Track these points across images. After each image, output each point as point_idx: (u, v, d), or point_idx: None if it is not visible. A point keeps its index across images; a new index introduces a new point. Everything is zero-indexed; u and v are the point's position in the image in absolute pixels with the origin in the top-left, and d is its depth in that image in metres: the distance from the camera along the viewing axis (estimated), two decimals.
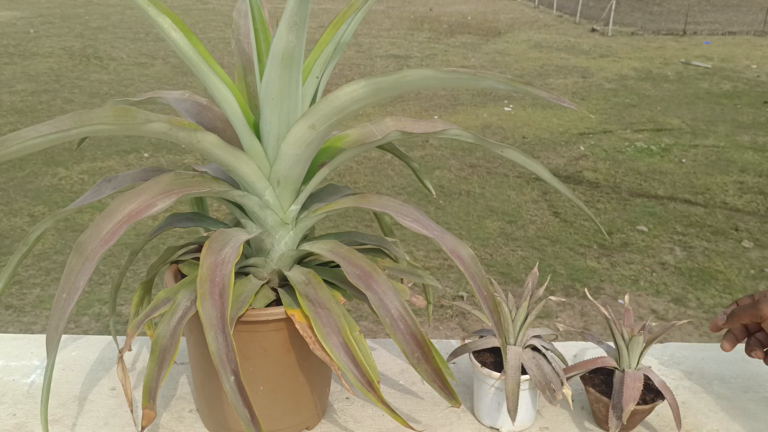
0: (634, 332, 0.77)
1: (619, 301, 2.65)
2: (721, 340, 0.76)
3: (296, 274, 0.69)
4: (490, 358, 0.79)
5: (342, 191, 0.74)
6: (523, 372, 0.74)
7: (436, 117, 4.24)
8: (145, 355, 0.91)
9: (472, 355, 0.78)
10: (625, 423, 0.72)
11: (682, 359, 0.94)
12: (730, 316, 0.74)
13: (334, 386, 0.83)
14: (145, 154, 4.30)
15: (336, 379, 0.83)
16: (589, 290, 2.77)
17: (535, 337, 0.78)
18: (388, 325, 0.62)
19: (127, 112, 0.56)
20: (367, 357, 0.64)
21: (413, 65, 7.37)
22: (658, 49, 8.75)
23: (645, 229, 3.39)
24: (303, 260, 0.75)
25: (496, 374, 0.75)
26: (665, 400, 0.75)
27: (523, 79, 3.81)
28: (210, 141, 0.61)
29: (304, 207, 0.71)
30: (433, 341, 0.76)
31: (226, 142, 0.62)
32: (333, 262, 0.73)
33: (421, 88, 0.58)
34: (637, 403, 0.73)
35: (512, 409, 0.71)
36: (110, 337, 0.91)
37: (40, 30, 8.80)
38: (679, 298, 2.75)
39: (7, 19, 9.60)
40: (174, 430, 0.76)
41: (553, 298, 0.81)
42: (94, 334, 1.20)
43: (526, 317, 0.76)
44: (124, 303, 2.48)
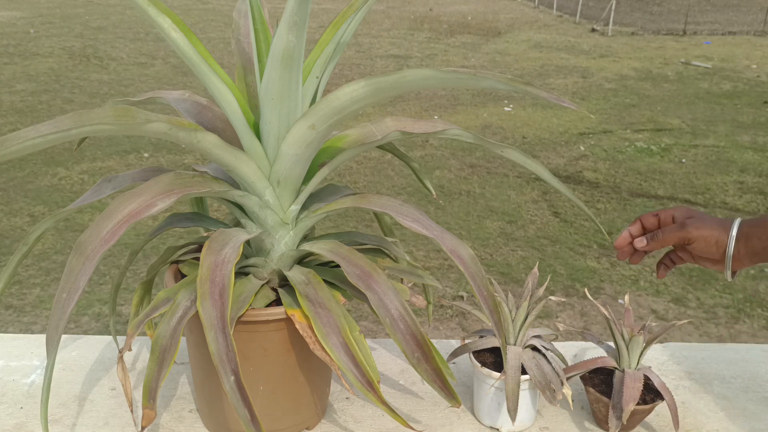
0: (634, 332, 0.77)
1: (619, 301, 2.65)
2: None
3: (296, 274, 0.69)
4: (490, 358, 0.79)
5: (342, 191, 0.74)
6: (523, 372, 0.74)
7: (436, 117, 4.24)
8: (145, 355, 0.91)
9: (472, 355, 0.78)
10: (625, 423, 0.72)
11: (682, 359, 0.94)
12: (653, 239, 0.72)
13: (334, 386, 0.83)
14: (145, 154, 4.30)
15: (336, 379, 0.83)
16: (589, 290, 2.77)
17: (535, 337, 0.78)
18: (388, 325, 0.62)
19: (127, 112, 0.56)
20: (367, 357, 0.64)
21: (413, 65, 7.37)
22: (658, 49, 8.75)
23: None
24: (303, 260, 0.75)
25: (496, 374, 0.75)
26: (665, 401, 0.75)
27: (523, 79, 3.81)
28: (210, 141, 0.61)
29: (304, 207, 0.71)
30: (433, 341, 0.76)
31: (226, 142, 0.63)
32: (333, 262, 0.73)
33: (421, 88, 0.58)
34: (637, 403, 0.73)
35: (512, 409, 0.71)
36: (110, 337, 0.91)
37: (40, 30, 8.80)
38: (679, 298, 2.75)
39: (7, 19, 9.60)
40: (174, 430, 0.76)
41: (553, 298, 0.81)
42: (94, 334, 1.19)
43: (526, 317, 0.76)
44: (124, 303, 2.48)
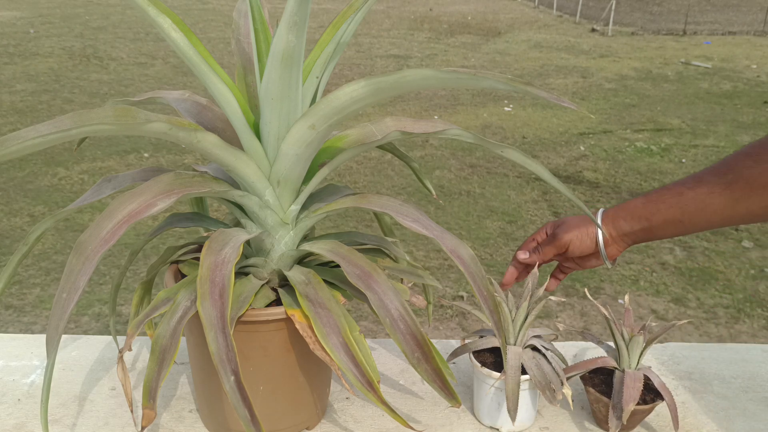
0: (634, 332, 0.77)
1: (619, 301, 2.65)
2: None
3: (296, 274, 0.69)
4: (490, 358, 0.79)
5: (342, 191, 0.74)
6: (523, 372, 0.74)
7: (436, 117, 4.24)
8: (145, 355, 0.91)
9: (472, 355, 0.78)
10: (625, 423, 0.72)
11: (682, 359, 0.94)
12: (534, 252, 0.79)
13: (334, 386, 0.83)
14: (145, 154, 4.30)
15: (336, 379, 0.83)
16: (589, 290, 2.77)
17: (535, 337, 0.78)
18: (388, 325, 0.62)
19: (127, 112, 0.56)
20: (367, 357, 0.64)
21: (413, 65, 7.37)
22: (658, 49, 8.75)
23: None
24: (303, 260, 0.75)
25: (496, 374, 0.75)
26: (665, 401, 0.75)
27: (523, 79, 3.80)
28: (210, 141, 0.61)
29: (304, 207, 0.71)
30: (433, 341, 0.76)
31: (226, 142, 0.62)
32: (333, 262, 0.73)
33: (421, 88, 0.58)
34: (637, 403, 0.73)
35: (512, 409, 0.71)
36: (110, 337, 0.91)
37: (40, 30, 8.80)
38: (679, 298, 2.75)
39: (7, 19, 9.60)
40: (174, 430, 0.76)
41: (553, 298, 0.81)
42: (94, 334, 1.19)
43: (526, 317, 0.76)
44: (124, 303, 2.48)
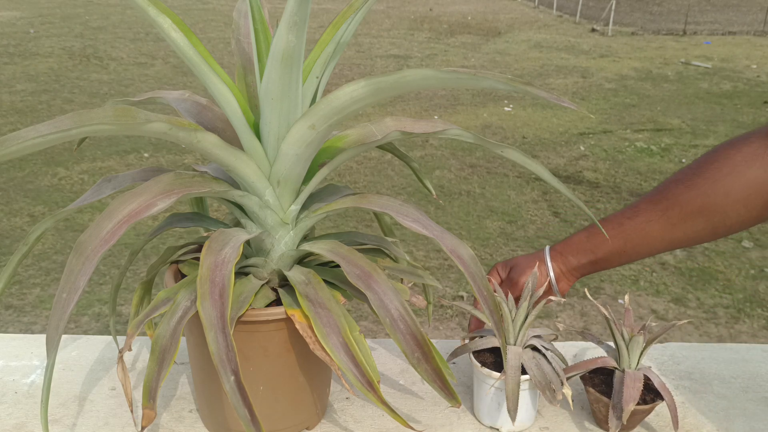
0: (634, 332, 0.77)
1: (619, 301, 2.65)
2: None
3: (296, 274, 0.69)
4: (490, 358, 0.78)
5: (342, 191, 0.74)
6: (523, 372, 0.74)
7: (436, 117, 4.24)
8: (145, 355, 0.91)
9: (472, 355, 0.78)
10: (625, 423, 0.72)
11: (682, 359, 0.94)
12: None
13: (334, 386, 0.83)
14: (145, 154, 4.30)
15: (336, 379, 0.83)
16: (589, 290, 2.77)
17: (535, 337, 0.78)
18: (388, 325, 0.62)
19: (127, 112, 0.56)
20: (367, 357, 0.64)
21: (413, 65, 7.37)
22: (658, 49, 8.75)
23: None
24: (303, 260, 0.75)
25: (496, 374, 0.75)
26: (665, 401, 0.75)
27: (523, 79, 3.80)
28: (210, 141, 0.61)
29: (304, 207, 0.71)
30: (433, 341, 0.76)
31: (226, 142, 0.62)
32: (333, 262, 0.73)
33: (421, 88, 0.58)
34: (637, 403, 0.73)
35: (512, 409, 0.71)
36: (110, 337, 0.91)
37: (40, 30, 8.80)
38: (679, 298, 2.75)
39: (7, 19, 9.60)
40: (174, 430, 0.76)
41: (553, 298, 0.81)
42: (94, 334, 1.19)
43: (526, 317, 0.76)
44: (124, 303, 2.48)
